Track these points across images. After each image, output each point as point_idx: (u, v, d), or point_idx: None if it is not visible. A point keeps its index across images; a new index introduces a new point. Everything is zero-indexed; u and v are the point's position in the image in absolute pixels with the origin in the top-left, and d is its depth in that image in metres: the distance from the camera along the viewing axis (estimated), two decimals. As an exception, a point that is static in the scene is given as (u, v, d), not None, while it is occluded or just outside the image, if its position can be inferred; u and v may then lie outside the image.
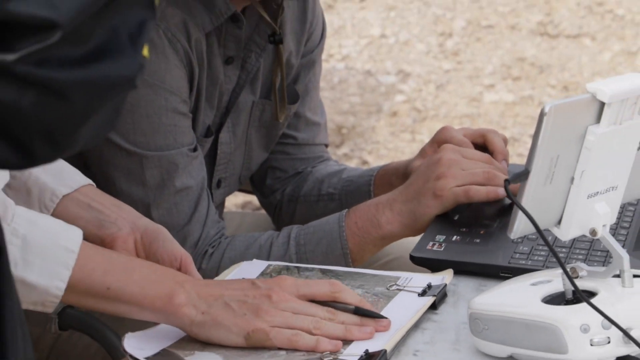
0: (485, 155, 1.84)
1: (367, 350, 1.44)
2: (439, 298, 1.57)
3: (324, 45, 2.12)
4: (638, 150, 1.40)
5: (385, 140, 4.28)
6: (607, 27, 5.07)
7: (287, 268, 1.70)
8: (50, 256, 1.43)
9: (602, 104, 1.33)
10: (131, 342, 1.47)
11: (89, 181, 1.64)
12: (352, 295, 1.52)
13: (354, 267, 1.82)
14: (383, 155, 4.18)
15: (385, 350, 1.44)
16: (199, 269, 1.80)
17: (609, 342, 1.33)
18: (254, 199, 2.88)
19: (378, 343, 1.46)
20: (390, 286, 1.61)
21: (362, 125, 4.39)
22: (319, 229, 1.86)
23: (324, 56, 2.10)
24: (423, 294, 1.58)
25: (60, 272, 1.43)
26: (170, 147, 1.83)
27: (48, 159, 0.93)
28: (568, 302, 1.38)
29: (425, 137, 4.34)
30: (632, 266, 1.53)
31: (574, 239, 1.63)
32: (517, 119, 4.39)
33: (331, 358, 1.44)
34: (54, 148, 0.91)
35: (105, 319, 1.70)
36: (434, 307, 1.56)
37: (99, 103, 0.90)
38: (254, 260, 1.74)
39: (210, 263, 1.85)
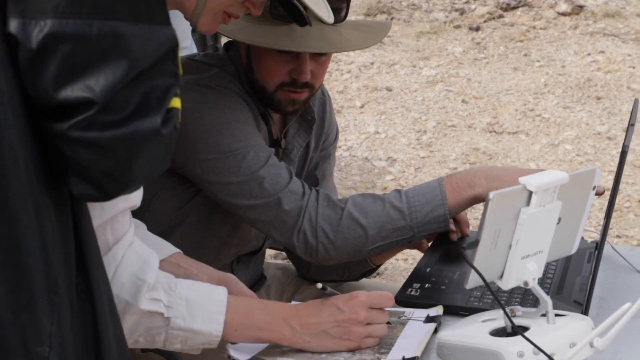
0: None
1: (403, 356, 1.43)
2: (438, 324, 1.55)
3: (337, 144, 2.09)
4: (557, 224, 1.40)
5: (378, 208, 4.26)
6: (537, 127, 5.07)
7: None
8: (208, 308, 1.41)
9: (531, 192, 1.33)
10: (233, 350, 1.45)
11: (178, 250, 1.59)
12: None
13: (450, 217, 1.71)
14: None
15: (418, 357, 1.43)
16: (317, 210, 1.67)
17: (538, 364, 1.32)
18: (283, 253, 2.87)
19: (410, 352, 1.44)
20: (400, 316, 1.59)
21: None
22: (423, 185, 1.73)
23: None
24: (427, 321, 1.56)
25: (217, 318, 1.41)
26: (257, 141, 1.73)
27: (118, 192, 0.95)
28: (508, 335, 1.37)
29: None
30: (555, 307, 1.53)
31: (513, 287, 1.62)
32: (473, 193, 4.37)
33: None
34: (117, 184, 0.93)
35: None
36: (435, 331, 1.53)
37: (137, 150, 0.91)
38: None
39: (332, 209, 1.69)
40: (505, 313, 1.34)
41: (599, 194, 1.52)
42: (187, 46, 2.75)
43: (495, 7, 6.61)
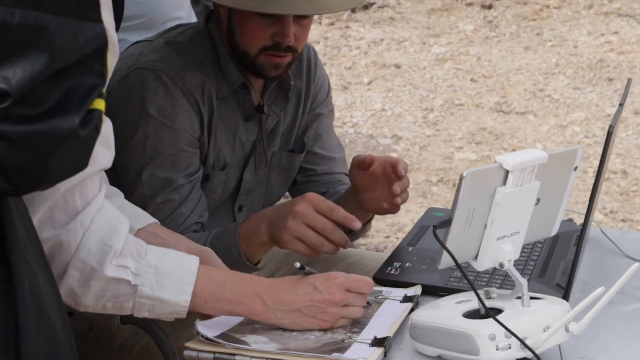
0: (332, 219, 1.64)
1: (375, 336, 1.41)
2: (415, 304, 1.53)
3: (330, 100, 2.02)
4: (536, 205, 1.36)
5: (380, 186, 4.23)
6: (545, 107, 5.01)
7: None
8: (177, 277, 1.37)
9: (507, 171, 1.29)
10: (202, 326, 1.42)
11: (155, 220, 1.56)
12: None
13: (250, 263, 1.71)
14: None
15: (390, 337, 1.41)
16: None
17: (510, 348, 1.29)
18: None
19: (383, 332, 1.42)
20: (377, 296, 1.56)
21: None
22: (224, 232, 1.74)
23: (338, 123, 2.02)
24: (403, 301, 1.54)
25: (185, 288, 1.38)
26: (168, 170, 1.75)
27: (30, 188, 0.91)
28: (482, 317, 1.34)
29: (410, 185, 4.29)
30: (535, 289, 1.50)
31: (494, 268, 1.59)
32: (477, 173, 4.34)
33: (351, 341, 1.40)
34: (30, 180, 0.90)
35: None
36: (411, 310, 1.51)
37: (52, 149, 0.88)
38: None
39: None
40: (477, 295, 1.31)
41: None
42: (182, 17, 2.71)
43: (509, -15, 6.54)
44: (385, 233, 3.85)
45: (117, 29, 1.30)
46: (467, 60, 5.62)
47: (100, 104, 0.90)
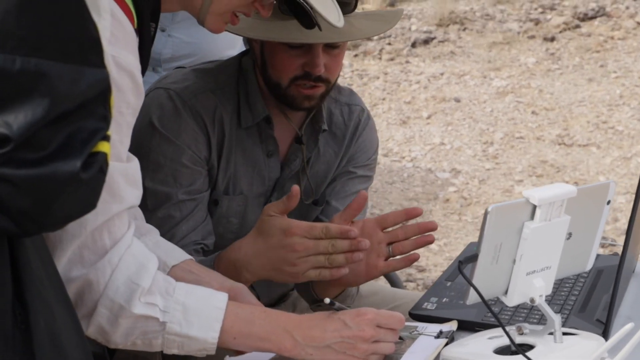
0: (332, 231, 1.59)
1: None
2: (449, 340, 1.51)
3: (372, 168, 1.96)
4: (567, 239, 1.34)
5: (438, 220, 4.20)
6: (609, 139, 4.93)
7: None
8: (205, 314, 1.38)
9: (535, 206, 1.28)
10: None
11: (190, 257, 1.57)
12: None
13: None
14: (436, 232, 4.09)
15: None
16: None
17: (540, 385, 1.27)
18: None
19: None
20: (412, 331, 1.55)
21: (422, 209, 4.32)
22: (203, 263, 1.67)
23: (397, 157, 1.98)
24: (438, 336, 1.52)
25: (213, 325, 1.38)
26: (169, 185, 1.75)
27: (35, 231, 0.92)
28: (513, 353, 1.32)
29: (469, 219, 4.25)
30: (575, 324, 1.47)
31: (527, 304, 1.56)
32: (536, 206, 4.27)
33: None
34: (35, 223, 0.91)
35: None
36: (445, 346, 1.48)
37: (54, 192, 0.89)
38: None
39: None
40: (505, 331, 1.29)
41: None
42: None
43: (572, 17, 6.47)
44: (443, 267, 3.81)
45: (144, 70, 1.33)
46: (528, 93, 5.57)
47: (104, 147, 0.91)
